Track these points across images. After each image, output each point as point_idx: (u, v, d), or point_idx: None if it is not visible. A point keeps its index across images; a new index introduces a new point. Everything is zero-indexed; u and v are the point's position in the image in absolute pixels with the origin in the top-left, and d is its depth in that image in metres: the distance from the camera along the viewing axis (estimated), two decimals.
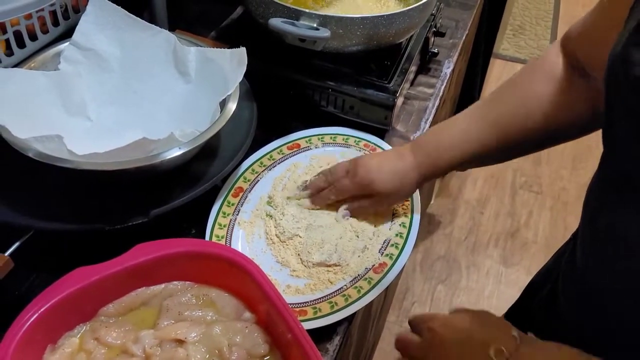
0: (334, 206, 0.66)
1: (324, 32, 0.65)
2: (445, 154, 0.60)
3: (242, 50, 0.61)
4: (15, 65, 0.61)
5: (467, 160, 0.60)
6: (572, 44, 0.56)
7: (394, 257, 0.62)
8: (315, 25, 0.68)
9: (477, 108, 0.61)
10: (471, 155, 0.59)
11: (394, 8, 0.80)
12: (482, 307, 0.51)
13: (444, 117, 1.11)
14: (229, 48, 0.66)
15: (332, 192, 0.64)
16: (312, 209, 0.65)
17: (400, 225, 0.65)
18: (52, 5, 0.61)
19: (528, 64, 0.60)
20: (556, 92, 0.55)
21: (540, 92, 0.57)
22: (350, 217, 0.65)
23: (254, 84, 0.74)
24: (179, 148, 0.54)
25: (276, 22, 0.65)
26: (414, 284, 1.61)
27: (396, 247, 0.63)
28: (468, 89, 1.32)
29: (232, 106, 0.60)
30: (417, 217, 0.67)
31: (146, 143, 0.50)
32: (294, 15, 0.69)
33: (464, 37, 1.00)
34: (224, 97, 0.60)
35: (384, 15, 0.68)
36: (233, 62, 0.62)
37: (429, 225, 1.73)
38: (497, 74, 2.46)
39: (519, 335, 0.43)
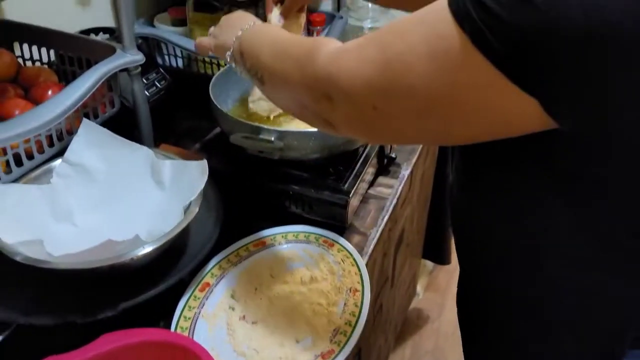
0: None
1: (278, 144, 0.76)
2: None
3: (204, 162, 0.72)
4: (13, 181, 0.72)
5: None
6: None
7: (342, 344, 0.67)
8: (272, 139, 0.79)
9: None
10: None
11: None
12: None
13: (410, 215, 1.20)
14: (206, 158, 0.77)
15: None
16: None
17: (350, 314, 0.72)
18: (48, 130, 0.73)
19: None
20: None
21: None
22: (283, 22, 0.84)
23: (230, 188, 0.83)
24: (143, 247, 0.62)
25: (235, 137, 0.76)
26: None
27: (344, 334, 0.69)
28: (439, 188, 1.42)
29: (194, 209, 0.70)
30: (366, 303, 0.73)
31: (112, 244, 0.59)
32: (255, 131, 0.80)
33: None
34: (188, 203, 0.69)
35: None
36: (197, 172, 0.72)
37: (418, 320, 1.75)
38: None
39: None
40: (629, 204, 0.46)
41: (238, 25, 0.67)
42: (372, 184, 0.97)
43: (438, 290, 1.85)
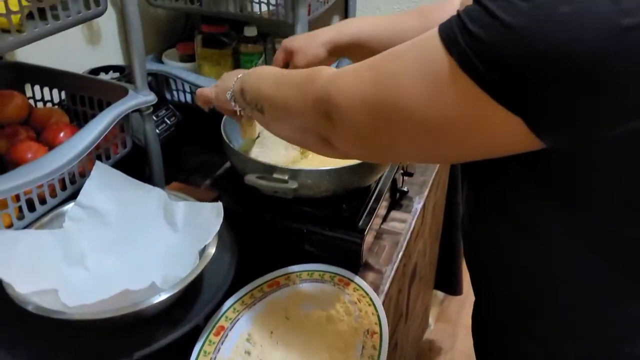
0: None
1: (292, 184, 0.75)
2: (348, 28, 0.81)
3: (219, 205, 0.71)
4: (26, 226, 0.71)
5: (362, 40, 0.80)
6: None
7: None
8: (286, 178, 0.78)
9: (389, 17, 0.81)
10: (365, 37, 0.79)
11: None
12: None
13: (423, 248, 1.18)
14: (218, 195, 0.76)
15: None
16: None
17: (368, 357, 0.70)
18: (61, 174, 0.72)
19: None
20: None
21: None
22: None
23: (242, 226, 0.82)
24: (159, 295, 0.61)
25: (250, 178, 0.75)
26: None
27: None
28: (450, 218, 1.41)
29: (210, 252, 0.68)
30: (385, 347, 0.71)
31: (129, 293, 0.58)
32: (269, 170, 0.80)
33: (433, 175, 1.10)
34: (203, 246, 0.68)
35: (345, 167, 0.78)
36: (212, 214, 0.71)
37: (430, 352, 1.71)
38: None
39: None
40: (620, 215, 0.46)
41: (239, 72, 0.72)
42: (384, 218, 0.96)
43: (449, 321, 1.82)
